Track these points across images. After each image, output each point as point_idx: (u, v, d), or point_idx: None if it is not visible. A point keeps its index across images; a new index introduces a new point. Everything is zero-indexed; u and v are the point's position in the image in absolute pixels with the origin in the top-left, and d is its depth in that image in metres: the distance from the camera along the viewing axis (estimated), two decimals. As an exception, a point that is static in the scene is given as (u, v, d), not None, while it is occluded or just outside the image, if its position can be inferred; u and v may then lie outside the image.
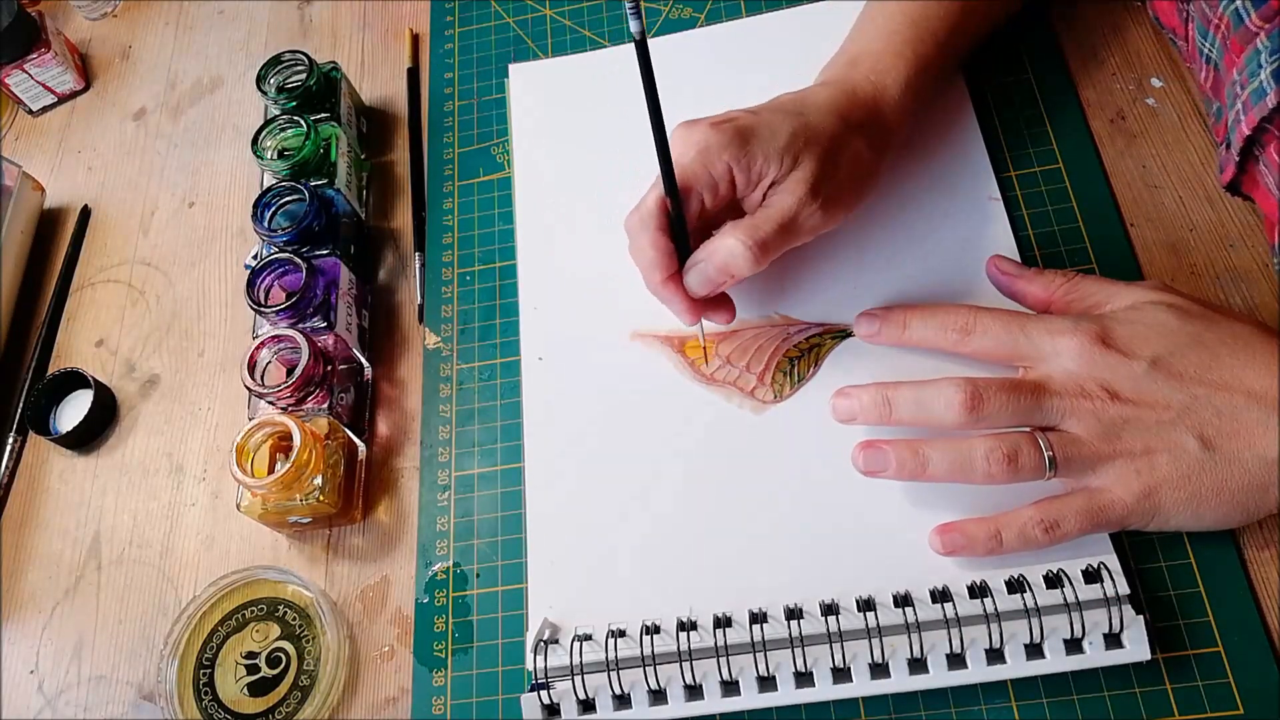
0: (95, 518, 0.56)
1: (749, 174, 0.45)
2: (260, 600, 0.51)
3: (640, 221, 0.46)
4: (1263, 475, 0.40)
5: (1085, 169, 0.53)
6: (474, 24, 0.67)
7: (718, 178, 0.45)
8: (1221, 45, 0.45)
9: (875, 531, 0.46)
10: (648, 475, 0.49)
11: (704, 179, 0.45)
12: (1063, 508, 0.42)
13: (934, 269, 0.51)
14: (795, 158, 0.45)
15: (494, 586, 0.49)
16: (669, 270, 0.46)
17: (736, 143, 0.44)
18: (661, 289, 0.47)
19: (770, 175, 0.45)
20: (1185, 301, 0.43)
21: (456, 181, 0.61)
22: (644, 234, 0.46)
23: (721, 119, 0.45)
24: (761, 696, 0.43)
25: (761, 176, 0.45)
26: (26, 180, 0.66)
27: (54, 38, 0.70)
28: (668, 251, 0.46)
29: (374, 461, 0.54)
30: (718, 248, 0.45)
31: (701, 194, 0.45)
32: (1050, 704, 0.42)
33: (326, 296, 0.53)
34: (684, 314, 0.47)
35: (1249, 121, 0.42)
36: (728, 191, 0.46)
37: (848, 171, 0.46)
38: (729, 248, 0.44)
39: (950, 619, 0.42)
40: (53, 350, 0.62)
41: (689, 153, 0.45)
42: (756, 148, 0.44)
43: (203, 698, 0.49)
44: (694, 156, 0.45)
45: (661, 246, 0.45)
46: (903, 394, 0.44)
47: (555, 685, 0.44)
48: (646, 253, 0.46)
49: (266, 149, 0.58)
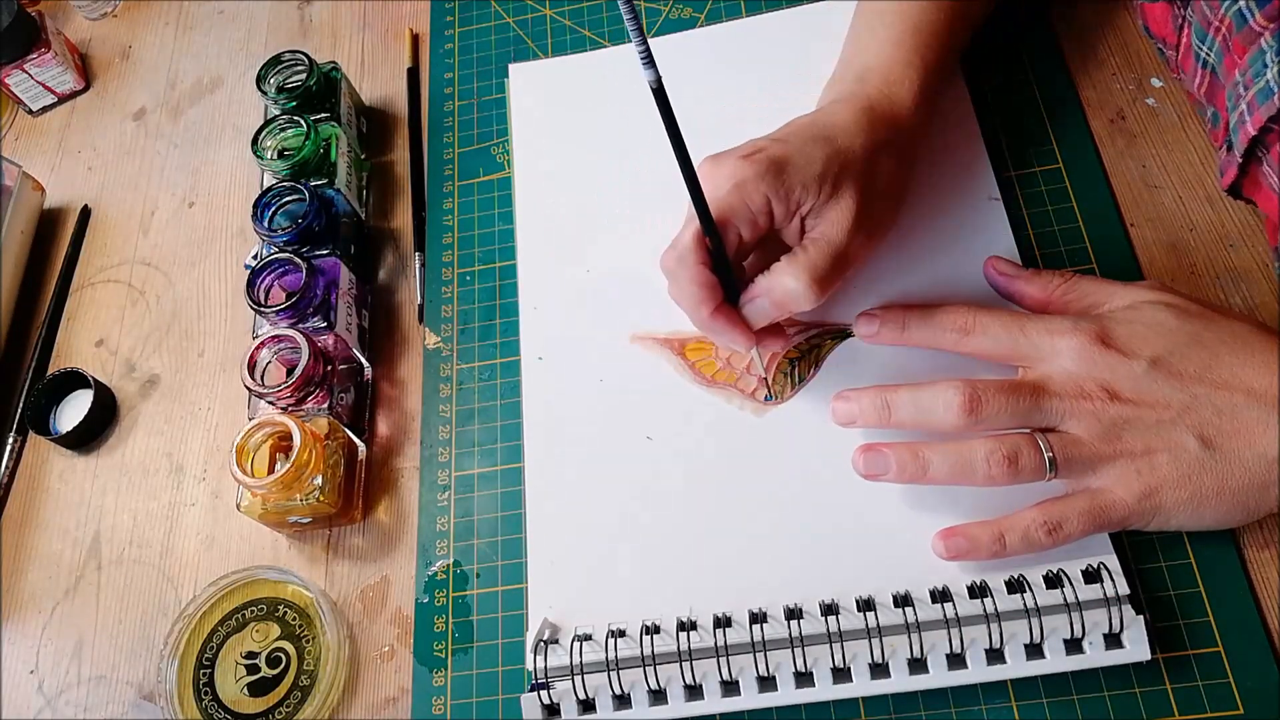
0: (95, 518, 0.56)
1: (787, 204, 0.44)
2: (260, 600, 0.51)
3: (679, 259, 0.44)
4: (1263, 474, 0.40)
5: (1085, 169, 0.53)
6: (474, 24, 0.67)
7: (756, 211, 0.44)
8: (1221, 48, 0.45)
9: (875, 531, 0.46)
10: (648, 475, 0.49)
11: (742, 213, 0.44)
12: (1065, 509, 0.42)
13: (934, 269, 0.51)
14: (835, 185, 0.44)
15: (494, 586, 0.49)
16: (715, 303, 0.45)
17: (772, 174, 0.43)
18: (710, 322, 0.45)
19: (808, 204, 0.44)
20: (1184, 301, 0.43)
21: (456, 181, 0.61)
22: (684, 271, 0.44)
23: (750, 150, 0.44)
24: (761, 696, 0.43)
25: (800, 205, 0.44)
26: (26, 180, 0.66)
27: (54, 38, 0.70)
28: (712, 285, 0.44)
29: (374, 461, 0.54)
30: (774, 285, 0.44)
31: (739, 228, 0.44)
32: (1050, 704, 0.42)
33: (326, 296, 0.53)
34: (739, 343, 0.46)
35: (1255, 122, 0.42)
36: (766, 224, 0.45)
37: (884, 193, 0.46)
38: (786, 287, 0.43)
39: (950, 619, 0.42)
40: (53, 350, 0.62)
41: (724, 186, 0.44)
42: (794, 178, 0.44)
43: (203, 698, 0.49)
44: (729, 190, 0.43)
45: (704, 281, 0.44)
46: (902, 397, 0.44)
47: (555, 685, 0.44)
48: (689, 290, 0.44)
49: (266, 149, 0.58)
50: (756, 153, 0.44)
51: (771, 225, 0.45)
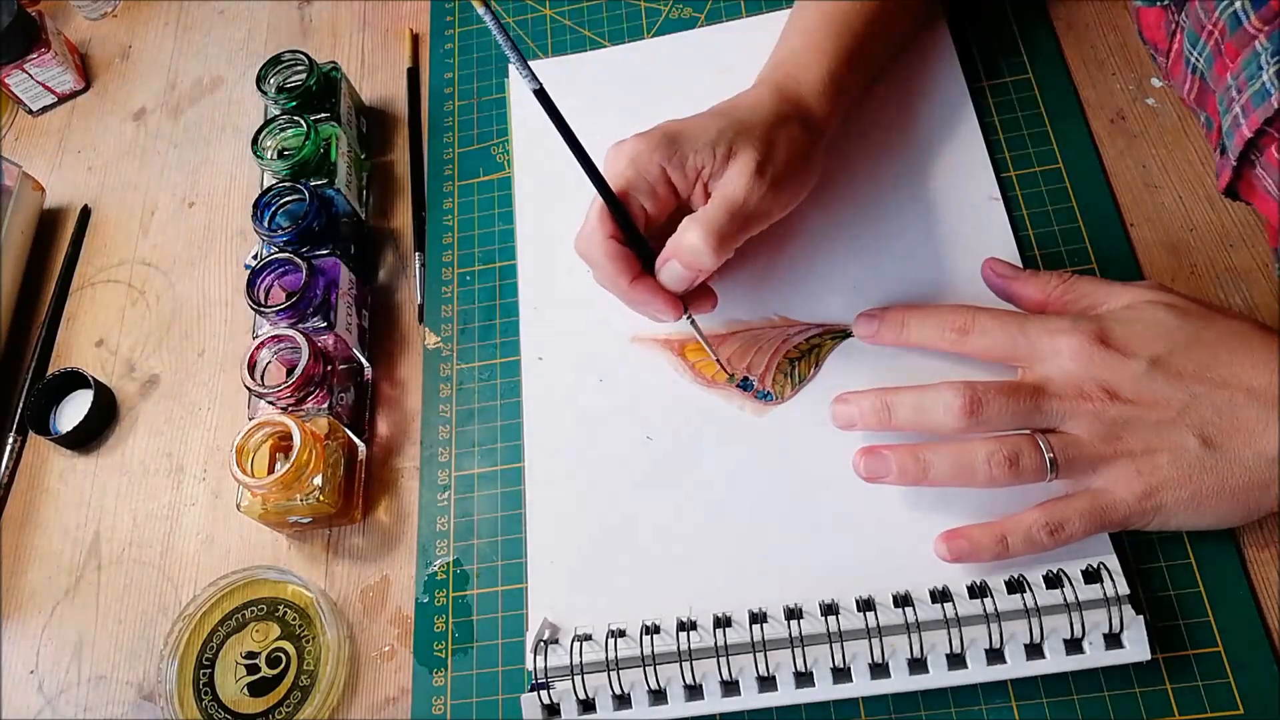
0: (95, 518, 0.56)
1: (683, 171, 0.46)
2: (260, 600, 0.51)
3: (587, 236, 0.46)
4: (1263, 473, 0.40)
5: (1085, 169, 0.53)
6: (474, 24, 0.67)
7: (653, 180, 0.45)
8: (1213, 52, 0.45)
9: (875, 531, 0.46)
10: (648, 475, 0.49)
11: (640, 184, 0.45)
12: (1066, 510, 0.42)
13: (934, 269, 0.51)
14: (730, 148, 0.45)
15: (494, 586, 0.49)
16: (633, 272, 0.46)
17: (666, 144, 0.45)
18: (632, 292, 0.46)
19: (706, 169, 0.46)
20: (1182, 300, 0.43)
21: (456, 181, 0.61)
22: (595, 247, 0.46)
23: (649, 129, 0.46)
24: (761, 696, 0.43)
25: (698, 172, 0.46)
26: (26, 180, 0.66)
27: (54, 38, 0.70)
28: (626, 257, 0.46)
29: (374, 461, 0.54)
30: (680, 245, 0.45)
31: (640, 200, 0.46)
32: (1050, 704, 0.42)
33: (326, 296, 0.53)
34: (665, 311, 0.46)
35: (1251, 124, 0.42)
36: (667, 193, 0.46)
37: (787, 153, 0.47)
38: (688, 243, 0.44)
39: (950, 619, 0.42)
40: (53, 350, 0.62)
41: (621, 161, 0.46)
42: (687, 146, 0.45)
43: (203, 698, 0.49)
44: (626, 164, 0.45)
45: (616, 253, 0.45)
46: (901, 399, 0.44)
47: (555, 685, 0.44)
48: (604, 264, 0.46)
49: (266, 149, 0.58)
50: (653, 130, 0.46)
51: (676, 197, 0.47)
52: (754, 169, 0.45)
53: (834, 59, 0.50)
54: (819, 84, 0.49)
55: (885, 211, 0.53)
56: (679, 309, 0.47)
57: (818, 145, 0.49)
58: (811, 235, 0.53)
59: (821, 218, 0.53)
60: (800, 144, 0.47)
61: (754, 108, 0.48)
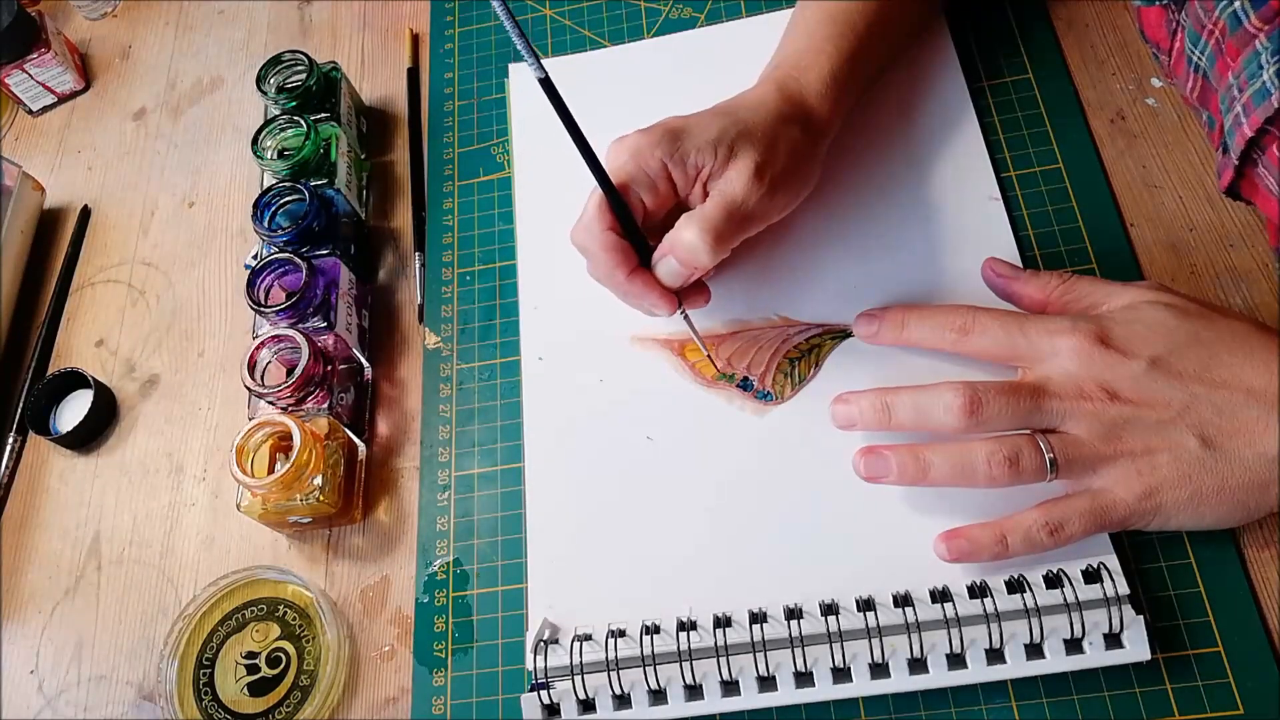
0: (95, 518, 0.56)
1: (684, 168, 0.46)
2: (260, 600, 0.51)
3: (585, 228, 0.46)
4: (1263, 473, 0.40)
5: (1085, 169, 0.53)
6: (474, 24, 0.67)
7: (654, 175, 0.46)
8: (1214, 51, 0.45)
9: (875, 531, 0.46)
10: (648, 475, 0.49)
11: (640, 178, 0.46)
12: (1066, 510, 0.42)
13: (934, 269, 0.51)
14: (730, 148, 0.45)
15: (494, 586, 0.49)
16: (630, 265, 0.46)
17: (668, 140, 0.45)
18: (627, 285, 0.46)
19: (707, 168, 0.46)
20: (1182, 300, 0.43)
21: (456, 181, 0.61)
22: (592, 239, 0.46)
23: (651, 125, 0.47)
24: (761, 696, 0.43)
25: (699, 170, 0.46)
26: (26, 180, 0.66)
27: (54, 38, 0.70)
28: (623, 249, 0.46)
29: (374, 461, 0.54)
30: (676, 241, 0.45)
31: (640, 194, 0.46)
32: (1050, 704, 0.42)
33: (326, 296, 0.53)
34: (660, 306, 0.46)
35: (1252, 123, 0.42)
36: (667, 189, 0.46)
37: (787, 156, 0.47)
38: (685, 240, 0.44)
39: (950, 619, 0.42)
40: (53, 350, 0.62)
41: (622, 155, 0.46)
42: (688, 142, 0.45)
43: (203, 698, 0.49)
44: (627, 158, 0.45)
45: (614, 245, 0.45)
46: (902, 399, 0.44)
47: (555, 685, 0.44)
48: (600, 256, 0.46)
49: (266, 149, 0.58)
50: (656, 125, 0.46)
51: (675, 193, 0.47)
52: (754, 171, 0.45)
53: (836, 59, 0.50)
54: (821, 84, 0.50)
55: (885, 211, 0.53)
56: (674, 304, 0.47)
57: (818, 149, 0.49)
58: (812, 235, 0.53)
59: (822, 217, 0.53)
60: (801, 147, 0.48)
61: (756, 108, 0.48)
